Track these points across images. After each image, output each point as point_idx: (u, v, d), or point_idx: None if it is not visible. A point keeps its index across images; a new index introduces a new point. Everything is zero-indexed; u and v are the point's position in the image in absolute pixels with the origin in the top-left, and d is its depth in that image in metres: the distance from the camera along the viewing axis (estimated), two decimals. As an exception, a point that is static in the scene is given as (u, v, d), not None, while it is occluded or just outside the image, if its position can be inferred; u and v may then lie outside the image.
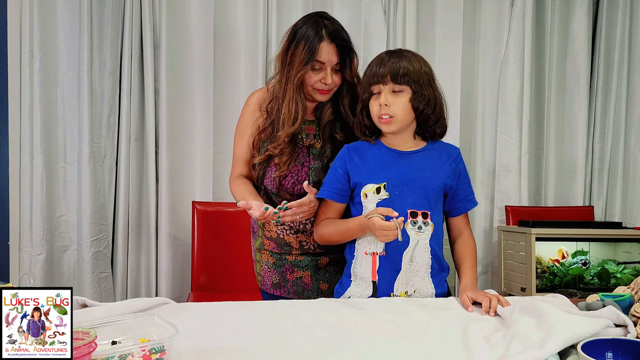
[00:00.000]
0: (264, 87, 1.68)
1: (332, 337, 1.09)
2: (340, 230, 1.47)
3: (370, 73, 1.43)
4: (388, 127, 1.43)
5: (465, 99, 3.06)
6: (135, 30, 2.64)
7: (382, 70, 1.41)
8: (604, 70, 3.16)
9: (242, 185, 1.60)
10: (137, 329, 1.01)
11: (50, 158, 2.57)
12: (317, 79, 1.50)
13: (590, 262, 2.57)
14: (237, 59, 2.81)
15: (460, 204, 1.52)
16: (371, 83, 1.43)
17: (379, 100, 1.41)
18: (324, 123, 1.59)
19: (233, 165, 1.67)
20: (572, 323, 1.01)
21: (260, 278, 1.69)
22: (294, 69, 1.49)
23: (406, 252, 1.42)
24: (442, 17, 3.02)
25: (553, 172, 3.20)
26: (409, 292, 1.43)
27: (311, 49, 1.46)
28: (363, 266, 1.45)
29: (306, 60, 1.47)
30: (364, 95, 1.46)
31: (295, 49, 1.49)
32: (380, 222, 1.34)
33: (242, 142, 1.64)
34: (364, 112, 1.48)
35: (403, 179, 1.43)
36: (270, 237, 1.63)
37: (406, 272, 1.42)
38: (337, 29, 1.51)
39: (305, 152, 1.58)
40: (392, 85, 1.41)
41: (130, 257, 2.68)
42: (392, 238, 1.34)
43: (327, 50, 1.48)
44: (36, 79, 2.51)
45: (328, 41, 1.48)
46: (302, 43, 1.48)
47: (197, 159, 2.78)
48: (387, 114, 1.41)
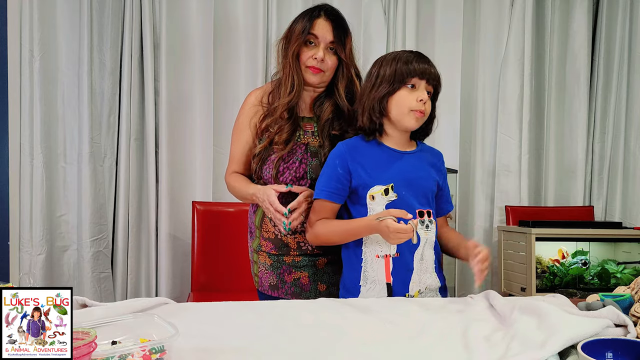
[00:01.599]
0: (262, 86, 1.70)
1: (332, 337, 1.09)
2: (343, 231, 1.44)
3: (416, 66, 1.41)
4: (416, 123, 1.44)
5: (465, 99, 3.06)
6: (135, 30, 2.64)
7: (430, 70, 1.42)
8: (604, 70, 3.16)
9: (240, 177, 1.64)
10: (137, 329, 1.01)
11: (50, 158, 2.57)
12: (310, 54, 1.53)
13: (590, 262, 2.57)
14: (237, 59, 2.81)
15: (443, 205, 1.55)
16: (415, 75, 1.41)
17: (419, 95, 1.40)
18: (323, 121, 1.59)
19: (229, 163, 1.68)
20: (572, 323, 1.01)
21: (258, 279, 1.68)
22: (291, 43, 1.54)
23: (417, 251, 1.43)
24: (442, 17, 3.02)
25: (553, 172, 3.20)
26: (421, 290, 1.45)
27: (307, 22, 1.53)
28: (375, 269, 1.43)
29: (301, 31, 1.53)
30: (394, 85, 1.41)
31: (294, 25, 1.56)
32: (395, 225, 1.32)
33: (239, 140, 1.65)
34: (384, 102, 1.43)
35: (407, 179, 1.43)
36: (268, 238, 1.63)
37: (418, 270, 1.43)
38: (335, 10, 1.57)
39: (303, 149, 1.58)
40: (430, 87, 1.43)
41: (130, 257, 2.68)
42: (404, 240, 1.33)
43: (322, 26, 1.53)
44: (36, 79, 2.51)
45: (324, 18, 1.54)
46: (300, 19, 1.55)
47: (197, 159, 2.78)
48: (423, 110, 1.41)
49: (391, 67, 1.42)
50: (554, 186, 3.20)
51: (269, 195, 1.48)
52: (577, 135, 3.16)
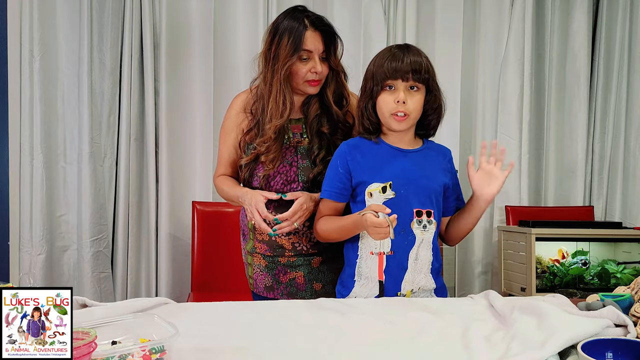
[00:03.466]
0: (247, 89, 1.66)
1: (332, 337, 1.09)
2: (337, 228, 1.45)
3: (387, 67, 1.37)
4: (400, 125, 1.40)
5: (465, 99, 3.06)
6: (135, 30, 2.64)
7: (402, 66, 1.36)
8: (604, 70, 3.16)
9: (228, 179, 1.63)
10: (137, 329, 1.01)
11: (50, 158, 2.57)
12: (307, 69, 1.50)
13: (590, 262, 2.57)
14: (237, 59, 2.81)
15: (453, 204, 1.53)
16: (387, 77, 1.37)
17: (396, 96, 1.37)
18: (311, 118, 1.58)
19: (217, 165, 1.68)
20: (572, 323, 1.01)
21: (253, 281, 1.67)
22: (279, 62, 1.48)
23: (412, 250, 1.42)
24: (442, 17, 3.02)
25: (553, 172, 3.20)
26: (414, 290, 1.44)
27: (297, 38, 1.46)
28: (369, 266, 1.43)
29: (292, 50, 1.46)
30: (373, 89, 1.40)
31: (280, 41, 1.48)
32: (372, 219, 1.30)
33: (226, 144, 1.64)
34: (369, 107, 1.42)
35: (408, 178, 1.42)
36: (262, 240, 1.61)
37: (412, 270, 1.42)
38: (319, 17, 1.51)
39: (293, 152, 1.57)
40: (412, 83, 1.38)
41: (130, 257, 2.68)
42: (385, 236, 1.31)
43: (312, 39, 1.48)
44: (36, 79, 2.51)
45: (312, 29, 1.48)
46: (286, 35, 1.47)
47: (197, 159, 2.78)
48: (402, 111, 1.37)
49: (370, 70, 1.42)
50: (554, 186, 3.20)
51: (257, 202, 1.47)
52: (577, 135, 3.16)
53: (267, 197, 1.48)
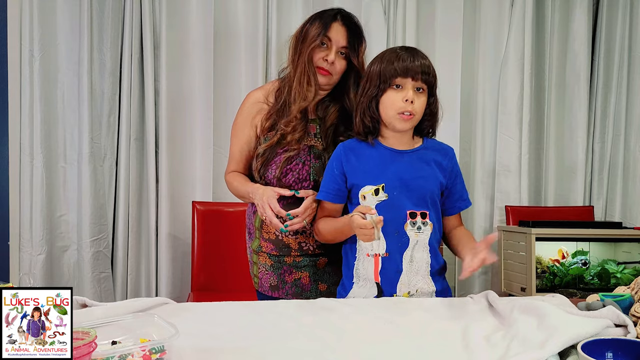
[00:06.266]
0: (263, 86, 1.71)
1: (332, 337, 1.09)
2: (333, 229, 1.46)
3: (398, 65, 1.37)
4: (405, 125, 1.40)
5: (465, 99, 3.06)
6: (135, 30, 2.63)
7: (414, 65, 1.37)
8: (604, 70, 3.16)
9: (239, 175, 1.64)
10: (137, 329, 1.01)
11: (50, 158, 2.57)
12: (321, 55, 1.54)
13: (590, 262, 2.57)
14: (237, 58, 2.81)
15: (455, 204, 1.51)
16: (398, 75, 1.37)
17: (404, 95, 1.36)
18: (328, 124, 1.59)
19: (229, 162, 1.69)
20: (572, 323, 1.01)
21: (258, 280, 1.67)
22: (306, 43, 1.54)
23: (406, 252, 1.41)
24: (442, 17, 3.02)
25: (553, 172, 3.20)
26: (411, 292, 1.43)
27: (324, 24, 1.53)
28: (366, 267, 1.44)
29: (317, 34, 1.52)
30: (380, 86, 1.39)
31: (311, 25, 1.55)
32: (358, 221, 1.29)
33: (238, 140, 1.65)
34: (372, 106, 1.41)
35: (401, 180, 1.41)
36: (268, 239, 1.62)
37: (407, 272, 1.42)
38: (351, 15, 1.58)
39: (306, 151, 1.58)
40: (419, 83, 1.38)
41: (130, 257, 2.68)
42: (370, 238, 1.29)
43: (337, 30, 1.54)
44: (36, 79, 2.51)
45: (340, 23, 1.54)
46: (317, 20, 1.55)
47: (197, 159, 2.78)
48: (410, 110, 1.37)
49: (377, 68, 1.41)
50: (554, 186, 3.20)
51: (270, 197, 1.47)
52: (577, 135, 3.16)
53: (280, 193, 1.49)
